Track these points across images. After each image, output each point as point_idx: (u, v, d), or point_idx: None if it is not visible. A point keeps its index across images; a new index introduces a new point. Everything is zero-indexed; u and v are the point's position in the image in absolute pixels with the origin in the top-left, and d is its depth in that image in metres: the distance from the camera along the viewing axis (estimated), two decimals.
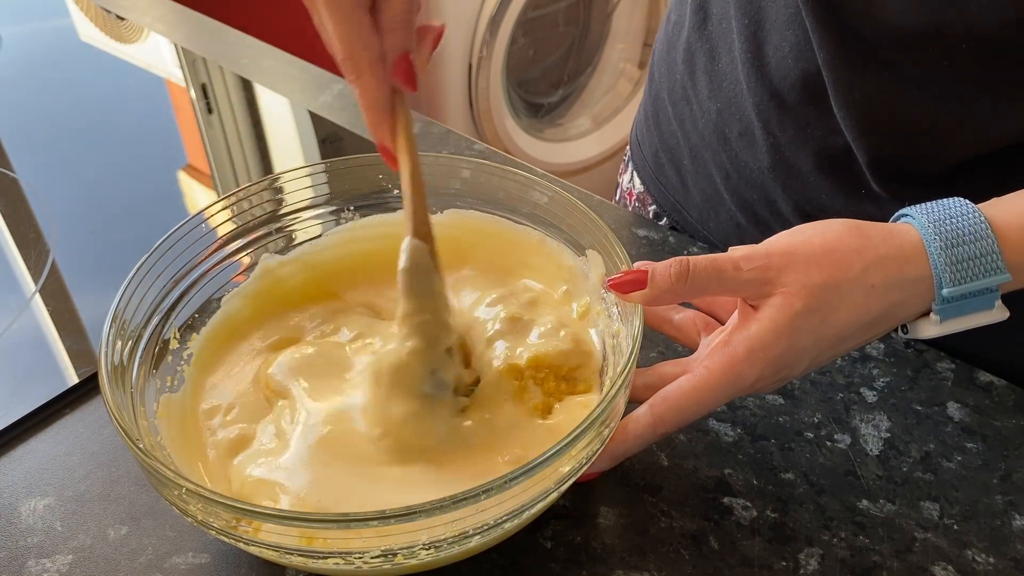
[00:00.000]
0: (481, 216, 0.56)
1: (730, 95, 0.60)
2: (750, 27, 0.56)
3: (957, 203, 0.44)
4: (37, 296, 0.62)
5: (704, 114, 0.63)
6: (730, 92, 0.60)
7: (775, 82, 0.56)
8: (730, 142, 0.62)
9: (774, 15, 0.54)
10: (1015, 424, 0.53)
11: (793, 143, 0.57)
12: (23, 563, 0.46)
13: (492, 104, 1.78)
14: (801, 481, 0.49)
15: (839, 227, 0.44)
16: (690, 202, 0.69)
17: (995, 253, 0.43)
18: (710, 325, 0.50)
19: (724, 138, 0.62)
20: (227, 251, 0.53)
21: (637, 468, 0.50)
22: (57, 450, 0.52)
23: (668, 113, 0.68)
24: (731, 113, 0.61)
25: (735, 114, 0.60)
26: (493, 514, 0.39)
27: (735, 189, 0.63)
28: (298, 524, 0.37)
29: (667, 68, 0.68)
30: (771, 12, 0.55)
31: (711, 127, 0.63)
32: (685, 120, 0.66)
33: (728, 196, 0.64)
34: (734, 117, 0.60)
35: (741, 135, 0.60)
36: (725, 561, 0.46)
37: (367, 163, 0.56)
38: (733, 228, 0.65)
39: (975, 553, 0.46)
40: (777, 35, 0.54)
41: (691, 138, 0.66)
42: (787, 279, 0.43)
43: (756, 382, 0.44)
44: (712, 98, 0.62)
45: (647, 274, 0.44)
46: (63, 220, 0.70)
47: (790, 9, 0.53)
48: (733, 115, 0.60)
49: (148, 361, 0.47)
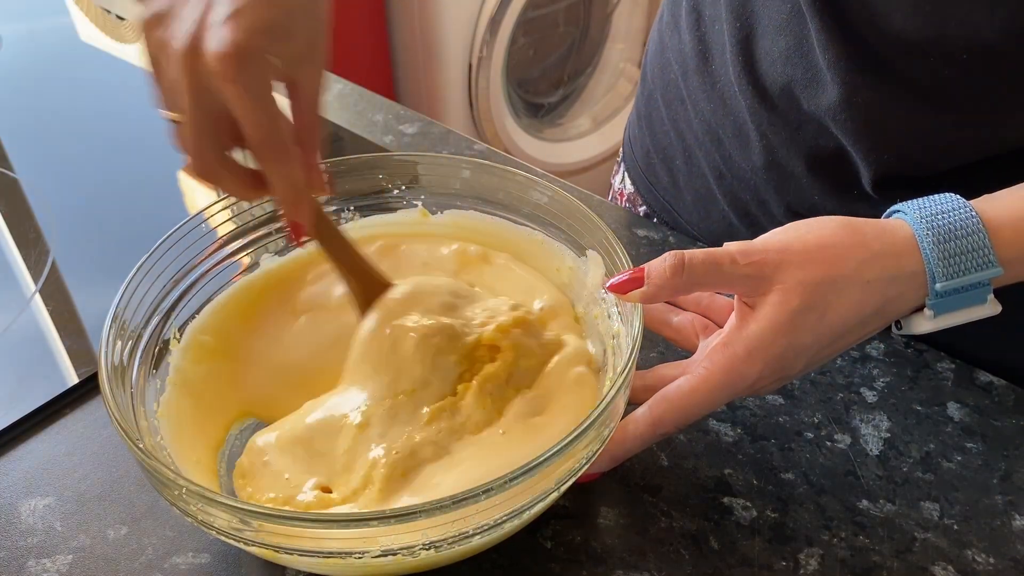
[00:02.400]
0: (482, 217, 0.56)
1: (723, 95, 0.60)
2: (742, 30, 0.56)
3: (949, 199, 0.44)
4: (37, 296, 0.62)
5: (698, 114, 0.63)
6: (723, 93, 0.60)
7: (766, 85, 0.56)
8: (723, 142, 0.62)
9: (767, 20, 0.54)
10: (1015, 424, 0.53)
11: (785, 145, 0.57)
12: (23, 563, 0.46)
13: (492, 104, 1.78)
14: (801, 481, 0.49)
15: (832, 224, 0.44)
16: (681, 203, 0.69)
17: (987, 247, 0.43)
18: (708, 328, 0.50)
19: (717, 138, 0.62)
20: (227, 251, 0.53)
21: (637, 468, 0.50)
22: (57, 450, 0.52)
23: (662, 113, 0.68)
24: (724, 113, 0.61)
25: (728, 115, 0.60)
26: (493, 514, 0.39)
27: (728, 189, 0.63)
28: (298, 524, 0.37)
29: (660, 68, 0.68)
30: (763, 16, 0.55)
31: (705, 127, 0.63)
32: (679, 120, 0.66)
33: (721, 196, 0.64)
34: (728, 118, 0.60)
35: (734, 136, 0.60)
36: (725, 561, 0.46)
37: (367, 163, 0.56)
38: (725, 228, 0.65)
39: (975, 553, 0.46)
40: (768, 40, 0.55)
41: (685, 138, 0.66)
42: (784, 276, 0.43)
43: (756, 382, 0.44)
44: (706, 99, 0.62)
45: (643, 272, 0.44)
46: (63, 220, 0.70)
47: (783, 14, 0.53)
48: (727, 115, 0.60)
49: (148, 361, 0.47)
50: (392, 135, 0.79)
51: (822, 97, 0.52)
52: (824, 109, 0.53)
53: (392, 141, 0.79)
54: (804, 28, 0.52)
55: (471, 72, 1.73)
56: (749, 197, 0.62)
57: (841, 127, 0.52)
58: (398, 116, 0.82)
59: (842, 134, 0.53)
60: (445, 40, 1.67)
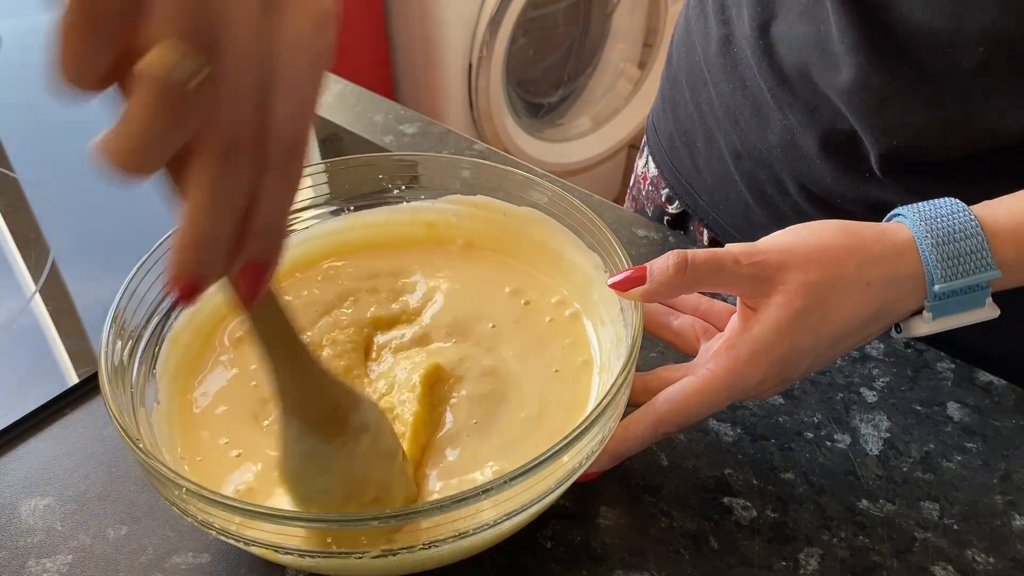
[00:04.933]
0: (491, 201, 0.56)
1: (743, 78, 0.61)
2: (763, 15, 0.57)
3: (948, 203, 0.45)
4: (37, 296, 0.62)
5: (719, 96, 0.64)
6: (743, 75, 0.61)
7: (784, 68, 0.57)
8: (741, 124, 0.63)
9: (788, 6, 0.55)
10: (1015, 424, 0.53)
11: (801, 125, 0.58)
12: (23, 563, 0.46)
13: (492, 104, 1.78)
14: (801, 481, 0.49)
15: (832, 227, 0.45)
16: (702, 185, 0.70)
17: (985, 250, 0.43)
18: (709, 331, 0.50)
19: (735, 120, 0.63)
20: None
21: (637, 468, 0.50)
22: (57, 450, 0.52)
23: (686, 96, 0.69)
24: (744, 95, 0.62)
25: (748, 96, 0.61)
26: (493, 514, 0.39)
27: (745, 170, 0.64)
28: (298, 524, 0.37)
29: (686, 52, 0.69)
30: (785, 3, 0.56)
31: (724, 109, 0.64)
32: (702, 102, 0.67)
33: (739, 177, 0.65)
34: (747, 99, 0.61)
35: (752, 116, 0.61)
36: (725, 561, 0.46)
37: (367, 163, 0.56)
38: (743, 209, 0.66)
39: (975, 553, 0.46)
40: (789, 24, 0.55)
41: (707, 120, 0.67)
42: (785, 277, 0.43)
43: (759, 384, 0.44)
44: (726, 80, 0.63)
45: (645, 270, 0.44)
46: (63, 220, 0.70)
47: (804, 1, 0.54)
48: (746, 97, 0.61)
49: (148, 361, 0.47)
50: (392, 135, 0.79)
51: (837, 80, 0.53)
52: (838, 92, 0.53)
53: (392, 141, 0.79)
54: (824, 14, 0.52)
55: (471, 72, 1.73)
56: (765, 177, 0.62)
57: (855, 110, 0.53)
58: (398, 116, 0.82)
59: (854, 117, 0.54)
60: (445, 40, 1.67)
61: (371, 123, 0.81)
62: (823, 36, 0.53)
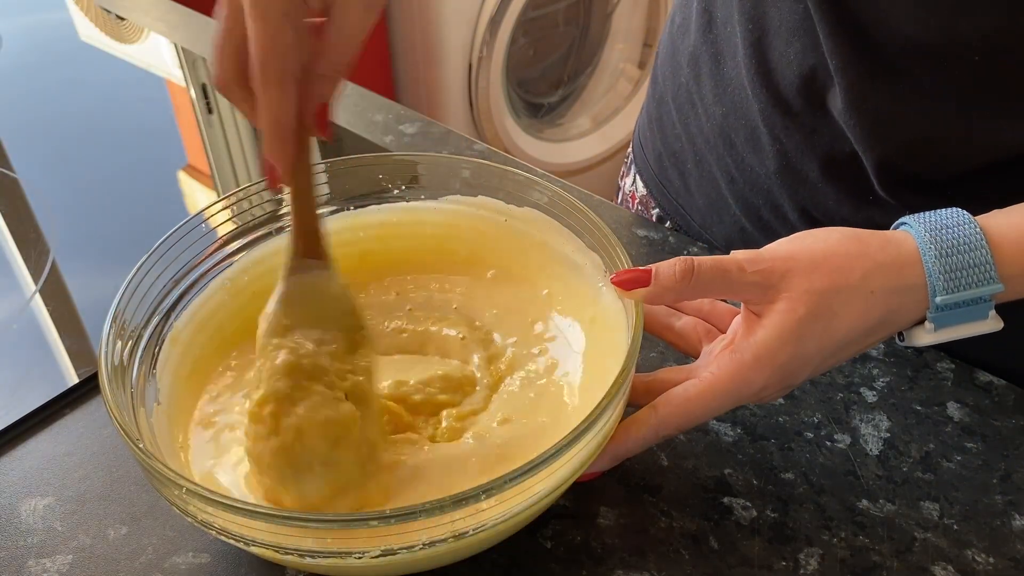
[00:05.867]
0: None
1: (736, 99, 0.60)
2: (754, 32, 0.56)
3: (954, 213, 0.44)
4: (37, 296, 0.63)
5: (709, 118, 0.63)
6: (736, 96, 0.60)
7: (780, 88, 0.56)
8: (735, 146, 0.62)
9: (778, 22, 0.54)
10: (1015, 424, 0.53)
11: (799, 149, 0.57)
12: (23, 563, 0.46)
13: (492, 104, 1.78)
14: (801, 481, 0.49)
15: (838, 235, 0.45)
16: (693, 206, 0.69)
17: (988, 263, 0.43)
18: (711, 333, 0.49)
19: (730, 142, 0.62)
20: (227, 251, 0.53)
21: (637, 468, 0.50)
22: (57, 450, 0.52)
23: (672, 116, 0.68)
24: (737, 117, 0.60)
25: (741, 119, 0.60)
26: (493, 514, 0.39)
27: (740, 194, 0.63)
28: (298, 524, 0.37)
29: (672, 71, 0.67)
30: (775, 19, 0.54)
31: (716, 131, 0.63)
32: (690, 124, 0.66)
33: (732, 201, 0.64)
34: (740, 122, 0.60)
35: (747, 140, 0.60)
36: (725, 561, 0.46)
37: (367, 163, 0.56)
38: (737, 232, 0.65)
39: (975, 553, 0.46)
40: (782, 41, 0.54)
41: (696, 142, 0.66)
42: (790, 284, 0.43)
43: (762, 390, 0.44)
44: (717, 102, 0.62)
45: (651, 272, 0.44)
46: (63, 220, 0.70)
47: (796, 16, 0.53)
48: (739, 119, 0.60)
49: (148, 361, 0.47)
50: (392, 135, 0.79)
51: (834, 100, 0.52)
52: (837, 112, 0.53)
53: (392, 141, 0.79)
54: (813, 29, 0.52)
55: (471, 72, 1.73)
56: (761, 201, 0.62)
57: (851, 131, 0.52)
58: (398, 116, 0.82)
59: (852, 138, 0.53)
60: (445, 40, 1.67)
61: (371, 123, 0.81)
62: (820, 53, 0.52)
